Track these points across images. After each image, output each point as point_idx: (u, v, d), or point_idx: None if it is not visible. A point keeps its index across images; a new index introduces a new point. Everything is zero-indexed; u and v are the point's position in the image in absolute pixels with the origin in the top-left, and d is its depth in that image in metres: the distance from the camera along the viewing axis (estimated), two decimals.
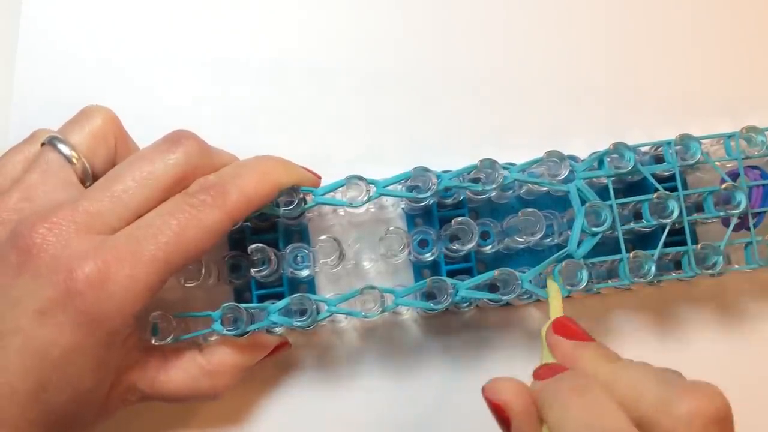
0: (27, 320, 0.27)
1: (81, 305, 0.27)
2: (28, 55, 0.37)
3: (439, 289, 0.32)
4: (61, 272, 0.27)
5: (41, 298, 0.27)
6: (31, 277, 0.27)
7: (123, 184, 0.29)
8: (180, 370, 0.32)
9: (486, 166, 0.33)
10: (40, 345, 0.27)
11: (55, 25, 0.37)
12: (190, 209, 0.29)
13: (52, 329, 0.27)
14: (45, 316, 0.27)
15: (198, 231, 0.29)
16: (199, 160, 0.30)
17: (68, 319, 0.27)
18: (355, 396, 0.36)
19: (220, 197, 0.29)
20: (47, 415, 0.28)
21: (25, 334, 0.27)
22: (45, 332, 0.27)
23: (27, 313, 0.27)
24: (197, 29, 0.38)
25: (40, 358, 0.27)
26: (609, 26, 0.39)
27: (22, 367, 0.27)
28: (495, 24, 0.39)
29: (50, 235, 0.28)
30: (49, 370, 0.27)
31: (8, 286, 0.28)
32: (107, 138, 0.32)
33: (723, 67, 0.39)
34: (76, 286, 0.27)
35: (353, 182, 0.32)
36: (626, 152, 0.33)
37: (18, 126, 0.36)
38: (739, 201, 0.33)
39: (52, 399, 0.28)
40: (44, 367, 0.27)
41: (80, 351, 0.28)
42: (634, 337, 0.37)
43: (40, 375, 0.27)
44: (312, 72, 0.38)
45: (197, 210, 0.29)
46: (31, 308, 0.27)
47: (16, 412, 0.27)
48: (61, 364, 0.27)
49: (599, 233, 0.32)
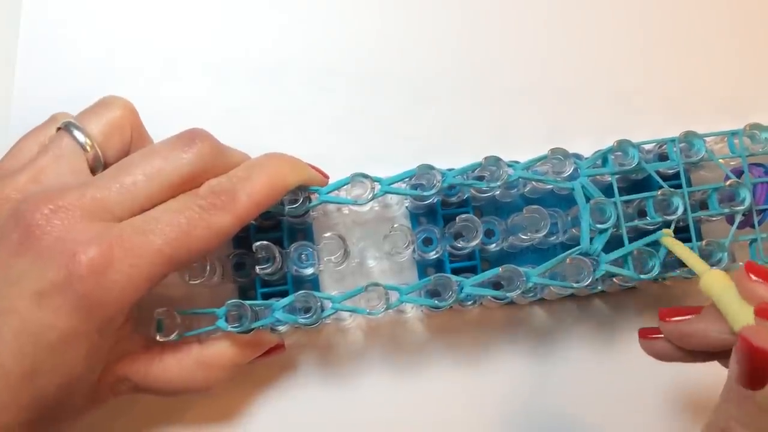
0: (25, 301, 0.27)
1: (81, 289, 0.27)
2: (28, 55, 0.37)
3: (444, 286, 0.32)
4: (64, 255, 0.27)
5: (41, 280, 0.27)
6: (33, 258, 0.27)
7: (133, 176, 0.29)
8: (175, 361, 0.32)
9: (490, 163, 0.33)
10: (37, 327, 0.27)
11: (55, 25, 0.37)
12: (200, 210, 0.29)
13: (50, 312, 0.27)
14: (44, 298, 0.27)
15: (206, 232, 0.29)
16: (210, 161, 0.30)
17: (67, 302, 0.27)
18: (359, 394, 0.36)
19: (231, 202, 0.29)
20: (39, 399, 0.28)
21: (21, 315, 0.27)
22: (42, 315, 0.27)
23: (25, 294, 0.27)
24: (197, 29, 0.38)
25: (35, 341, 0.27)
26: (613, 24, 0.39)
27: (17, 349, 0.27)
28: (498, 22, 0.39)
29: (55, 218, 0.28)
30: (44, 354, 0.27)
31: (7, 264, 0.28)
32: (123, 129, 0.32)
33: (727, 64, 0.39)
34: (78, 270, 0.27)
35: (358, 180, 0.32)
36: (630, 149, 0.33)
37: (18, 126, 0.36)
38: (743, 198, 0.33)
39: (44, 384, 0.28)
40: (39, 351, 0.27)
41: (76, 336, 0.28)
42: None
43: (35, 358, 0.27)
44: (313, 72, 0.38)
45: (207, 212, 0.29)
46: (30, 289, 0.27)
47: (7, 394, 0.27)
48: (57, 348, 0.27)
49: (607, 229, 0.32)
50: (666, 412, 0.36)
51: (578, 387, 0.37)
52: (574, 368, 0.37)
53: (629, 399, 0.37)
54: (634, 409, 0.36)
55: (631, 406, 0.36)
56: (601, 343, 0.37)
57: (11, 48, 0.37)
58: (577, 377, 0.37)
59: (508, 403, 0.36)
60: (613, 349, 0.37)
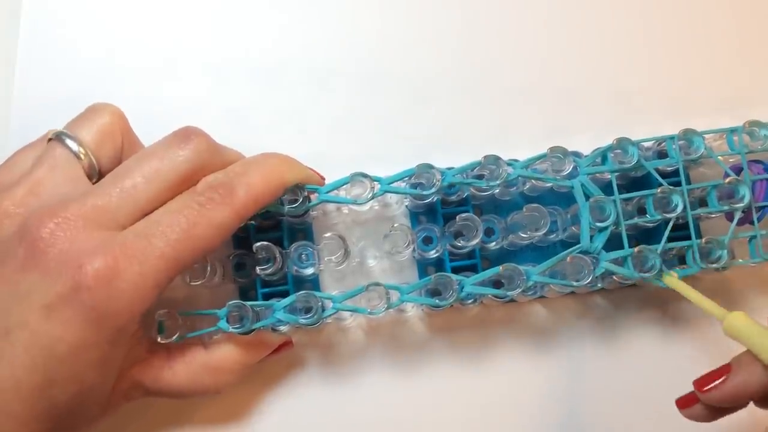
0: (34, 316, 0.27)
1: (89, 301, 0.27)
2: (28, 55, 0.37)
3: (444, 285, 0.32)
4: (70, 267, 0.27)
5: (49, 294, 0.27)
6: (40, 272, 0.27)
7: (132, 180, 0.29)
8: (184, 366, 0.32)
9: (490, 162, 0.33)
10: (47, 340, 0.27)
11: (55, 25, 0.37)
12: (198, 207, 0.29)
13: (59, 325, 0.27)
14: (52, 311, 0.27)
15: (207, 229, 0.29)
16: (207, 158, 0.30)
17: (76, 314, 0.27)
18: (360, 393, 0.36)
19: (229, 196, 0.29)
20: (52, 410, 0.28)
21: (31, 329, 0.27)
22: (52, 327, 0.27)
23: (34, 309, 0.27)
24: (197, 29, 0.38)
25: (46, 354, 0.27)
26: (612, 22, 0.39)
27: (29, 362, 0.27)
28: (498, 22, 0.39)
29: (58, 230, 0.28)
30: (56, 366, 0.27)
31: (16, 281, 0.28)
32: (114, 135, 0.32)
33: (726, 62, 0.39)
34: (85, 281, 0.27)
35: (357, 179, 0.32)
36: (630, 147, 0.33)
37: (18, 125, 0.36)
38: (742, 195, 0.33)
39: (57, 394, 0.28)
40: (50, 363, 0.27)
41: (87, 347, 0.28)
42: (640, 333, 0.37)
43: (46, 370, 0.27)
44: (313, 72, 0.38)
45: (206, 208, 0.29)
46: (39, 303, 0.27)
47: (20, 406, 0.27)
48: (68, 360, 0.27)
49: (606, 228, 0.32)
50: (667, 409, 0.36)
51: (579, 384, 0.37)
52: (574, 366, 0.37)
53: (630, 396, 0.37)
54: (636, 406, 0.36)
55: (632, 403, 0.36)
56: (601, 341, 0.37)
57: (11, 48, 0.37)
58: (578, 374, 0.37)
59: (509, 401, 0.36)
60: (613, 347, 0.37)
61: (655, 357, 0.37)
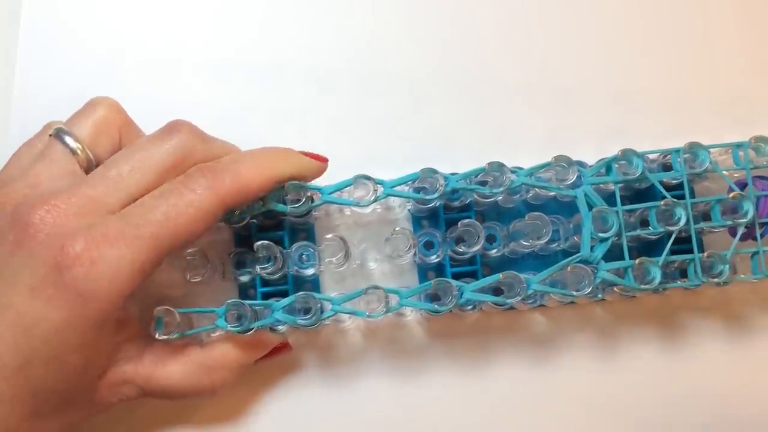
0: (20, 297, 0.28)
1: (70, 281, 0.28)
2: (28, 55, 0.37)
3: (444, 290, 0.32)
4: (53, 249, 0.28)
5: (34, 275, 0.28)
6: (27, 255, 0.28)
7: (118, 169, 0.30)
8: (179, 365, 0.32)
9: (494, 169, 0.33)
10: (31, 320, 0.28)
11: (55, 25, 0.38)
12: (183, 190, 0.29)
13: (42, 304, 0.28)
14: (36, 291, 0.28)
15: (189, 210, 0.29)
16: (194, 146, 0.31)
17: (57, 293, 0.28)
18: (357, 396, 0.36)
19: (214, 180, 0.30)
20: (36, 391, 0.28)
21: (16, 309, 0.28)
22: (35, 307, 0.28)
23: (20, 290, 0.28)
24: (197, 29, 0.38)
25: (29, 333, 0.28)
26: (619, 32, 0.39)
27: (12, 342, 0.28)
28: (499, 22, 0.39)
29: (48, 216, 0.29)
30: (38, 346, 0.28)
31: (4, 264, 0.29)
32: (110, 128, 0.32)
33: (729, 66, 0.39)
34: (66, 262, 0.28)
35: (361, 182, 0.32)
36: (634, 159, 0.33)
37: (18, 125, 0.36)
38: (746, 210, 0.33)
39: (39, 374, 0.28)
40: (33, 343, 0.28)
41: (69, 327, 0.28)
42: (639, 346, 0.37)
43: (28, 349, 0.28)
44: (313, 72, 0.38)
45: (190, 191, 0.29)
46: (25, 284, 0.28)
47: (4, 385, 0.28)
48: (50, 340, 0.28)
49: (608, 238, 0.32)
50: (665, 420, 0.36)
51: (577, 394, 0.37)
52: (573, 375, 0.37)
53: (628, 407, 0.36)
54: (634, 416, 0.36)
55: (629, 413, 0.36)
56: (600, 351, 0.37)
57: (11, 48, 0.37)
58: (576, 384, 0.37)
59: (506, 408, 0.36)
60: (612, 358, 0.37)
61: (653, 370, 0.37)
